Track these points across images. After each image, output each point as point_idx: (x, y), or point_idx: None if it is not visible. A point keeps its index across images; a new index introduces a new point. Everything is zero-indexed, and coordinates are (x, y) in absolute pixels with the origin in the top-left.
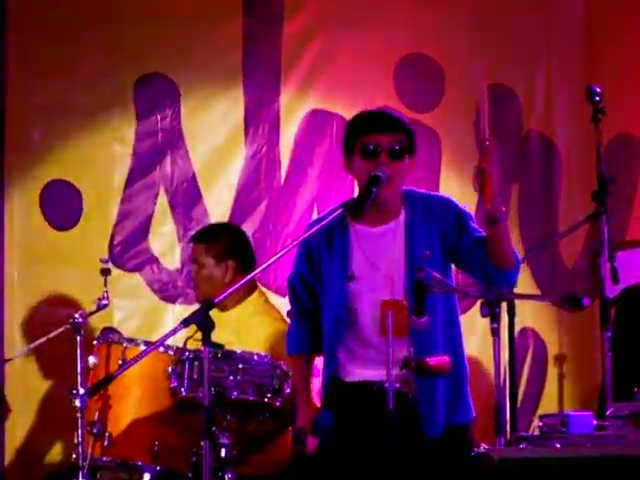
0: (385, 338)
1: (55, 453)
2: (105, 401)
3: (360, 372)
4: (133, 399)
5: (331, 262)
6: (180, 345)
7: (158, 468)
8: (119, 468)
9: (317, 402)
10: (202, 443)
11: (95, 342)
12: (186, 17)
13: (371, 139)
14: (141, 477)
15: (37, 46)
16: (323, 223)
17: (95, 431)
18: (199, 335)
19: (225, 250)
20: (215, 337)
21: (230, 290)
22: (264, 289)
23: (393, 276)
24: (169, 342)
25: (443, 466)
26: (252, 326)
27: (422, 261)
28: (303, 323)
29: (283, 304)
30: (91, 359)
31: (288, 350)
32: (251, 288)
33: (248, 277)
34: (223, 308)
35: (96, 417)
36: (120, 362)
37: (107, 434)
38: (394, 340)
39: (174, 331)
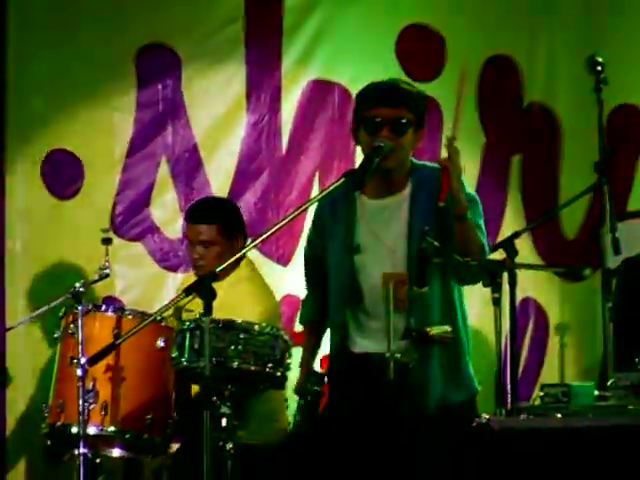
0: (386, 310)
1: None
2: (99, 370)
3: (366, 343)
4: (125, 369)
5: (337, 234)
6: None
7: (146, 437)
8: (115, 437)
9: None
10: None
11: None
12: None
13: (374, 113)
14: (133, 447)
15: (38, 16)
16: (325, 192)
17: (91, 400)
18: (192, 305)
19: (234, 226)
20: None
21: (232, 260)
22: (260, 256)
23: (395, 248)
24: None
25: (440, 441)
26: (235, 293)
27: (423, 235)
28: (315, 294)
29: (284, 273)
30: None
31: (299, 320)
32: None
33: (250, 247)
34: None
35: (91, 386)
36: (115, 331)
37: (103, 403)
38: (396, 312)
39: (175, 300)
